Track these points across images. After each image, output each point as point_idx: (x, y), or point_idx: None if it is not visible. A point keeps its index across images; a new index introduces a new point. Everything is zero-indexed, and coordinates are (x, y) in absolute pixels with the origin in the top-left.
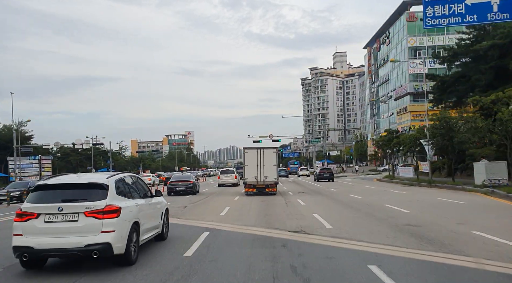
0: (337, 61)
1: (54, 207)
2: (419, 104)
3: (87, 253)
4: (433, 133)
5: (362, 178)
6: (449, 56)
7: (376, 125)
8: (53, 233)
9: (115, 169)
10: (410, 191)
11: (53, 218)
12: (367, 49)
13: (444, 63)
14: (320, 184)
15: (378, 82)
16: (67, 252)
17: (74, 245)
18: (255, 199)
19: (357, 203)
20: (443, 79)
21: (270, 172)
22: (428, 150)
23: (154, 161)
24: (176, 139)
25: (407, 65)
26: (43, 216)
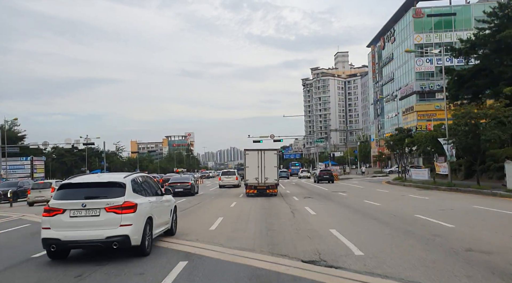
0: (339, 61)
1: (78, 203)
2: (426, 103)
3: (108, 244)
4: (454, 131)
5: (369, 180)
6: (467, 48)
7: (380, 125)
8: (77, 226)
9: (109, 170)
10: (432, 196)
11: (78, 213)
12: (371, 48)
13: (460, 56)
14: (325, 187)
15: (382, 81)
16: (90, 244)
17: (96, 237)
18: (254, 205)
19: (379, 212)
20: (460, 73)
21: (270, 174)
22: (448, 150)
23: (152, 162)
24: (176, 140)
25: (414, 63)
26: (68, 211)
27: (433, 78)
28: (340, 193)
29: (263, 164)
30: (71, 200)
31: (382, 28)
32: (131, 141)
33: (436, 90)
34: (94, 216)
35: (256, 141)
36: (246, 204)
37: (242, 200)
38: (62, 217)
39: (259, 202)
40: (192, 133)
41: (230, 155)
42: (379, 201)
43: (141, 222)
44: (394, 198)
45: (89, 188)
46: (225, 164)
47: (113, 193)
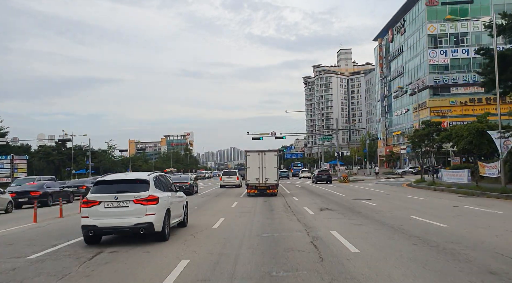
0: (341, 58)
1: (112, 196)
2: (440, 98)
3: (136, 230)
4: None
5: (384, 182)
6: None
7: (388, 123)
8: (111, 215)
9: (97, 171)
10: (496, 208)
11: (111, 205)
12: (378, 41)
13: (504, 33)
14: (338, 191)
15: (391, 76)
16: (122, 229)
17: (126, 224)
18: (255, 225)
19: (459, 245)
20: (504, 53)
21: (271, 174)
22: (501, 146)
23: (147, 162)
24: (174, 140)
25: (426, 55)
26: (103, 203)
27: (447, 72)
28: (365, 202)
29: (263, 165)
30: (105, 194)
31: (391, 20)
32: (129, 141)
33: (452, 84)
34: (124, 207)
35: (255, 137)
36: (242, 221)
37: (238, 211)
38: (98, 208)
39: (260, 222)
40: (192, 132)
41: (230, 155)
42: (436, 218)
43: (162, 212)
44: (455, 213)
45: (120, 184)
46: (225, 164)
47: (139, 188)
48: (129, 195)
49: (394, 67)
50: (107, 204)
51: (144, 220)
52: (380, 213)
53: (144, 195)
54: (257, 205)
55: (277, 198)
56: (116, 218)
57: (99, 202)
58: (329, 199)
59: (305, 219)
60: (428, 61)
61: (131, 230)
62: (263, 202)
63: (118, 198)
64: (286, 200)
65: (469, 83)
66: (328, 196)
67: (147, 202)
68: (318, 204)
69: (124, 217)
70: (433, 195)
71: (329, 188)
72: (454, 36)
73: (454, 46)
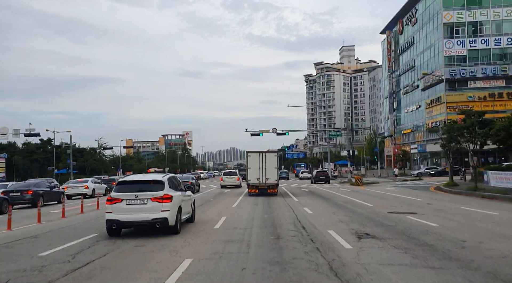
0: (344, 55)
1: (132, 195)
2: (457, 93)
3: (153, 224)
4: None
5: (408, 187)
6: None
7: (396, 121)
8: (131, 211)
9: (81, 170)
10: None
11: (131, 202)
12: (386, 33)
13: None
14: (364, 200)
15: (400, 70)
16: (140, 223)
17: (144, 219)
18: (253, 256)
19: None
20: None
21: (271, 174)
22: None
23: (141, 161)
24: (173, 139)
25: (442, 46)
26: (125, 200)
27: (465, 64)
28: (413, 219)
29: (264, 166)
30: (126, 192)
31: (400, 10)
32: (127, 140)
33: (469, 77)
34: (143, 204)
35: (254, 134)
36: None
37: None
38: (121, 205)
39: (261, 253)
40: (190, 132)
41: (230, 156)
42: None
43: (175, 209)
44: None
45: (139, 184)
46: (224, 164)
47: (156, 188)
48: (147, 194)
49: (404, 61)
50: (128, 202)
51: (160, 215)
52: (464, 248)
53: (160, 194)
54: (253, 224)
55: (283, 209)
56: (136, 213)
57: (121, 200)
58: (355, 212)
59: (344, 267)
60: (443, 52)
61: (148, 224)
62: (263, 222)
63: (137, 196)
64: (295, 213)
65: (488, 76)
66: (351, 207)
67: (163, 200)
68: (346, 221)
69: (143, 212)
70: (497, 207)
71: (344, 193)
72: (472, 25)
73: (472, 36)
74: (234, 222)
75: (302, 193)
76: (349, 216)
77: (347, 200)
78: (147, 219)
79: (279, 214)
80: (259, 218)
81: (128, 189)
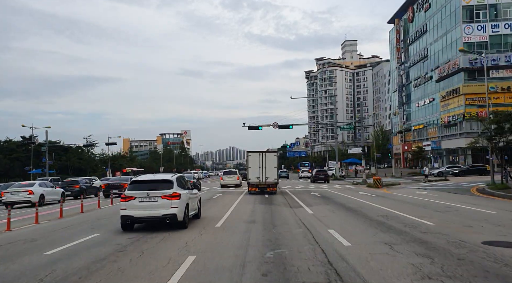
0: (346, 50)
1: (144, 193)
2: (477, 83)
3: (163, 219)
4: None
5: (441, 189)
6: None
7: (406, 116)
8: (144, 208)
9: (62, 170)
10: None
11: (144, 199)
12: (395, 22)
13: None
14: (411, 214)
15: (410, 62)
16: (152, 219)
17: (156, 215)
18: None
19: None
20: None
21: (271, 173)
22: None
23: (134, 160)
24: (171, 138)
25: (460, 32)
26: (138, 198)
27: (486, 51)
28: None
29: (264, 165)
30: (139, 191)
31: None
32: (124, 139)
33: (491, 66)
34: (154, 201)
35: (253, 127)
36: None
37: None
38: (134, 202)
39: None
40: (189, 131)
41: (230, 155)
42: None
43: (183, 206)
44: None
45: (150, 183)
46: (223, 163)
47: (166, 186)
48: (158, 192)
49: (414, 51)
50: (141, 199)
51: (170, 211)
52: None
53: (169, 192)
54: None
55: (296, 235)
56: (148, 210)
57: (135, 198)
58: (422, 242)
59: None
60: (462, 38)
61: (159, 220)
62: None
63: (149, 194)
64: (318, 243)
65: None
66: (402, 228)
67: (172, 198)
68: (430, 273)
69: (154, 209)
70: None
71: (369, 199)
72: (494, 8)
73: (495, 20)
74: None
75: (313, 199)
76: (425, 256)
77: (383, 212)
78: (158, 215)
79: (293, 248)
80: (255, 265)
81: (140, 188)
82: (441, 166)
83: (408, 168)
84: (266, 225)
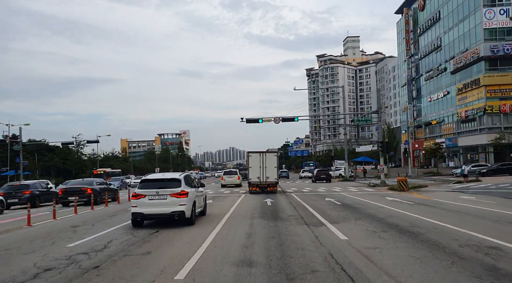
0: (348, 47)
1: (154, 191)
2: (499, 74)
3: (172, 216)
4: None
5: (494, 194)
6: None
7: (417, 112)
8: (153, 205)
9: (46, 172)
10: None
11: (153, 197)
12: (403, 12)
13: None
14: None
15: (420, 53)
16: (161, 216)
17: (164, 212)
18: None
19: None
20: None
21: (271, 173)
22: None
23: (127, 160)
24: (169, 139)
25: (481, 17)
26: (148, 196)
27: (509, 38)
28: None
29: (264, 165)
30: (149, 189)
31: None
32: (121, 140)
33: None
34: (163, 199)
35: (251, 120)
36: None
37: None
38: (144, 200)
39: None
40: (188, 131)
41: (230, 155)
42: None
43: (190, 203)
44: None
45: (159, 182)
46: (223, 164)
47: (174, 185)
48: (167, 190)
49: (426, 41)
50: (151, 197)
51: (178, 209)
52: None
53: (177, 190)
54: None
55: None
56: (157, 207)
57: (145, 196)
58: None
59: None
60: (482, 24)
61: (168, 216)
62: None
63: (158, 193)
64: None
65: None
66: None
67: (180, 196)
68: None
69: (163, 206)
70: None
71: (411, 210)
72: None
73: None
74: None
75: (334, 209)
76: None
77: (462, 236)
78: (167, 212)
79: None
80: None
81: (150, 186)
82: (458, 165)
83: (419, 167)
84: (274, 275)
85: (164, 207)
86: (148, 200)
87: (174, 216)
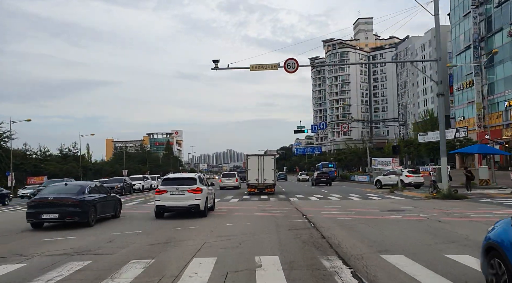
0: (360, 30)
1: (174, 188)
2: None
3: (189, 209)
4: None
5: None
6: None
7: (489, 88)
8: (174, 199)
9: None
10: None
11: (174, 193)
12: None
13: None
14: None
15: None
16: (180, 208)
17: (183, 205)
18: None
19: None
20: None
21: (269, 175)
22: None
23: (84, 160)
24: (159, 139)
25: None
26: (169, 192)
27: None
28: None
29: (262, 167)
30: (170, 186)
31: None
32: (106, 140)
33: None
34: (182, 194)
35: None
36: None
37: None
38: (166, 195)
39: None
40: (180, 131)
41: (227, 158)
42: None
43: (204, 198)
44: None
45: (179, 180)
46: (220, 166)
47: (191, 182)
48: (185, 187)
49: None
50: (171, 192)
51: (194, 202)
52: None
53: (194, 187)
54: None
55: None
56: (177, 201)
57: (167, 191)
58: None
59: None
60: None
61: (186, 209)
62: None
63: (178, 189)
64: None
65: None
66: None
67: (196, 192)
68: None
69: (182, 201)
70: None
71: None
72: None
73: None
74: None
75: None
76: None
77: None
78: (185, 205)
79: None
80: None
81: (171, 184)
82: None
83: (496, 169)
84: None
85: (183, 201)
86: (169, 195)
87: (191, 208)
